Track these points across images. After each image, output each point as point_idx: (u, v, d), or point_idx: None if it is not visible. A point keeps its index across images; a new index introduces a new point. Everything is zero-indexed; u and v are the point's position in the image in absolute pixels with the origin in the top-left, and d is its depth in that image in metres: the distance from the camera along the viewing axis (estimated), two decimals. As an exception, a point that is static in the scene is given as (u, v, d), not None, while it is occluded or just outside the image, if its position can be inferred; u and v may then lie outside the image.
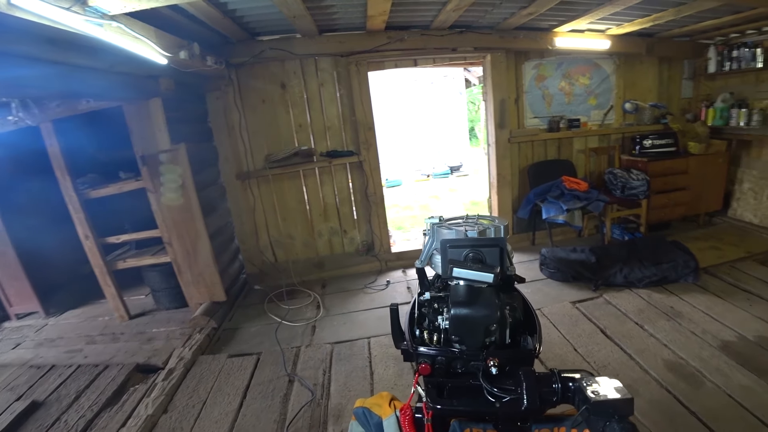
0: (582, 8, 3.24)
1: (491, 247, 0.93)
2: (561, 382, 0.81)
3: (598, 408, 0.71)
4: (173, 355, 2.82)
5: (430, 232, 1.13)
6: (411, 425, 0.88)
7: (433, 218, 1.17)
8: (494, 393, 0.84)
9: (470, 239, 0.95)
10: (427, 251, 1.13)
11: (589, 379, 0.77)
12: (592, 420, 0.72)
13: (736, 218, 4.45)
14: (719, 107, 4.22)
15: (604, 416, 0.71)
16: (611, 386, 0.75)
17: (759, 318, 2.83)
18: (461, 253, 0.92)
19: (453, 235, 1.02)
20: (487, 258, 0.93)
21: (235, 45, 3.42)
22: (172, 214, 3.16)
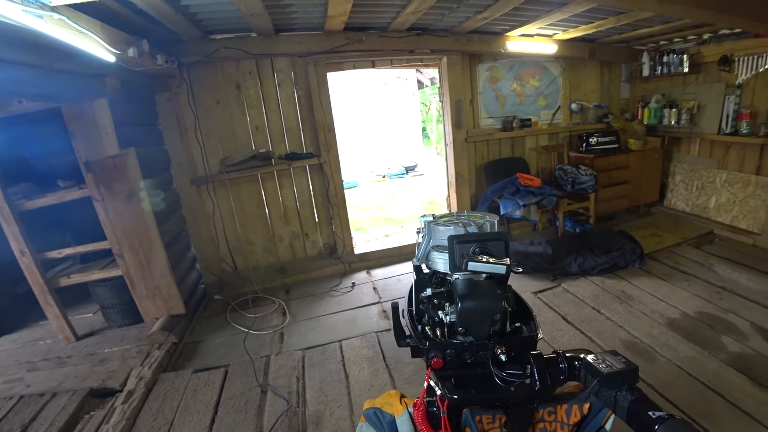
0: (532, 14, 3.42)
1: (497, 240, 0.96)
2: (567, 362, 0.84)
3: (610, 379, 0.74)
4: (131, 375, 2.61)
5: (425, 230, 1.13)
6: (425, 419, 0.88)
7: (426, 216, 1.18)
8: (506, 379, 0.86)
9: (477, 234, 0.97)
10: (424, 249, 1.13)
11: (596, 355, 0.81)
12: (603, 391, 0.75)
13: (671, 208, 4.90)
14: (653, 107, 4.64)
15: (613, 387, 0.74)
16: (615, 359, 0.79)
17: (697, 296, 3.14)
18: (468, 248, 0.94)
19: (452, 232, 1.03)
20: (494, 251, 0.96)
21: (187, 43, 3.24)
22: (123, 223, 2.93)
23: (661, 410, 0.66)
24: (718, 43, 4.08)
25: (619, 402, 0.72)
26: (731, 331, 2.70)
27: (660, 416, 0.64)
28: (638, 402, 0.69)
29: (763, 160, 3.96)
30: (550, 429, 0.93)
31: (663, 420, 0.63)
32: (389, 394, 0.97)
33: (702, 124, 4.35)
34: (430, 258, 1.12)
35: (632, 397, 0.71)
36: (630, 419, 0.70)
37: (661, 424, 0.62)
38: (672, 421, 0.62)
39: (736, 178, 4.19)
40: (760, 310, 2.91)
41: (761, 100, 3.88)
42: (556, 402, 0.94)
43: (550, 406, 0.94)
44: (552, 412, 0.94)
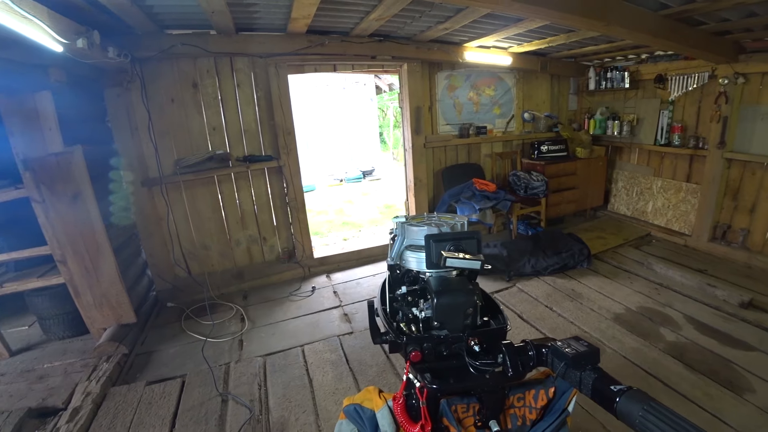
0: (490, 28, 3.58)
1: (470, 239, 1.00)
2: (535, 349, 0.90)
3: (576, 361, 0.80)
4: (76, 391, 2.42)
5: (399, 231, 1.16)
6: (404, 412, 0.90)
7: (399, 217, 1.21)
8: (480, 368, 0.91)
9: (452, 233, 1.02)
10: (398, 248, 1.16)
11: (561, 341, 0.87)
12: (569, 372, 0.81)
13: (614, 212, 5.29)
14: (598, 119, 5.01)
15: (578, 368, 0.80)
16: (578, 343, 0.86)
17: (639, 292, 3.42)
18: (444, 246, 0.98)
19: (426, 232, 1.07)
20: (467, 249, 1.00)
21: (142, 37, 3.09)
22: (67, 227, 2.72)
23: (621, 384, 0.73)
24: (654, 63, 4.49)
25: (584, 381, 0.79)
26: (668, 322, 2.96)
27: (620, 389, 0.71)
28: (601, 379, 0.76)
29: (692, 169, 4.39)
30: (519, 414, 0.99)
31: (623, 392, 0.70)
32: (368, 390, 0.98)
33: (641, 135, 4.76)
34: (404, 257, 1.15)
35: (595, 375, 0.78)
36: (594, 395, 0.76)
37: (622, 395, 0.69)
38: (630, 391, 0.69)
39: (669, 185, 4.60)
40: (691, 303, 3.21)
41: (690, 116, 4.31)
42: (524, 388, 1.00)
43: (519, 392, 0.99)
44: (521, 397, 0.99)
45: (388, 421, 0.91)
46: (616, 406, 0.70)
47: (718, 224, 4.14)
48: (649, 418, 0.64)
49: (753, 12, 2.86)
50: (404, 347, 0.94)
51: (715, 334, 2.78)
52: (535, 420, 0.99)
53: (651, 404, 0.65)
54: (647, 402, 0.66)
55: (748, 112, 3.75)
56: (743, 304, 3.07)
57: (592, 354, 0.81)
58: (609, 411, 0.72)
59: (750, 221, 3.93)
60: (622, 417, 0.69)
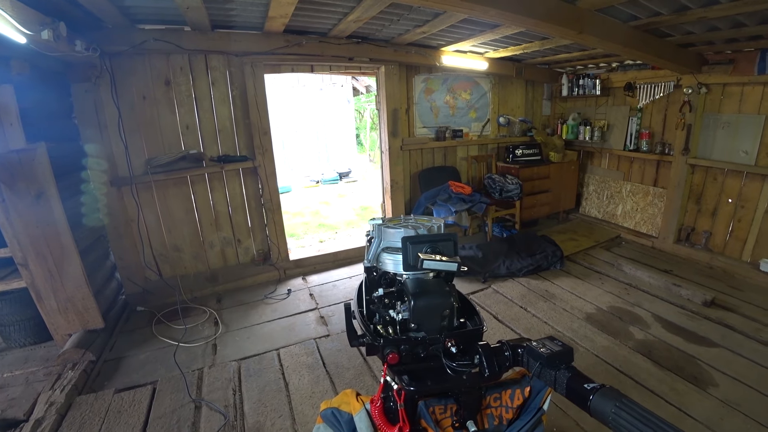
0: (467, 33, 3.63)
1: (446, 241, 1.01)
2: (511, 350, 0.92)
3: (550, 361, 0.82)
4: (39, 401, 2.29)
5: (375, 233, 1.16)
6: (382, 414, 0.90)
7: (376, 219, 1.21)
8: (457, 369, 0.91)
9: (429, 235, 1.02)
10: (375, 250, 1.15)
11: (536, 341, 0.89)
12: (545, 372, 0.83)
13: (585, 214, 5.46)
14: (570, 124, 5.16)
15: (553, 367, 0.82)
16: (552, 343, 0.87)
17: (609, 292, 3.53)
18: (421, 248, 0.98)
19: (403, 234, 1.07)
20: (444, 251, 1.01)
21: (112, 31, 2.98)
22: (29, 228, 2.59)
23: (594, 382, 0.75)
24: (624, 72, 4.66)
25: (558, 380, 0.80)
26: (637, 321, 3.07)
27: (593, 387, 0.73)
28: (574, 377, 0.78)
29: (659, 174, 4.57)
30: (496, 414, 1.00)
31: (596, 390, 0.72)
32: (345, 393, 0.97)
33: (611, 140, 4.93)
34: (381, 259, 1.15)
35: (569, 374, 0.79)
36: (569, 393, 0.78)
37: (595, 393, 0.71)
38: (603, 389, 0.71)
39: (638, 189, 4.78)
40: (659, 302, 3.34)
41: (657, 123, 4.49)
42: (500, 388, 1.01)
43: (496, 392, 1.01)
44: (497, 397, 1.01)
45: (366, 425, 0.90)
46: (589, 403, 0.71)
47: (682, 227, 4.33)
48: (622, 414, 0.66)
49: (715, 26, 3.02)
50: (381, 349, 0.94)
51: (681, 332, 2.91)
52: (511, 419, 1.01)
53: (623, 401, 0.67)
54: (619, 399, 0.68)
55: (710, 120, 3.95)
56: (706, 303, 3.22)
57: (566, 353, 0.83)
58: (583, 409, 0.74)
59: (712, 224, 4.12)
60: (595, 414, 0.71)
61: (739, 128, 3.75)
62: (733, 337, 2.83)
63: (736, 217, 3.91)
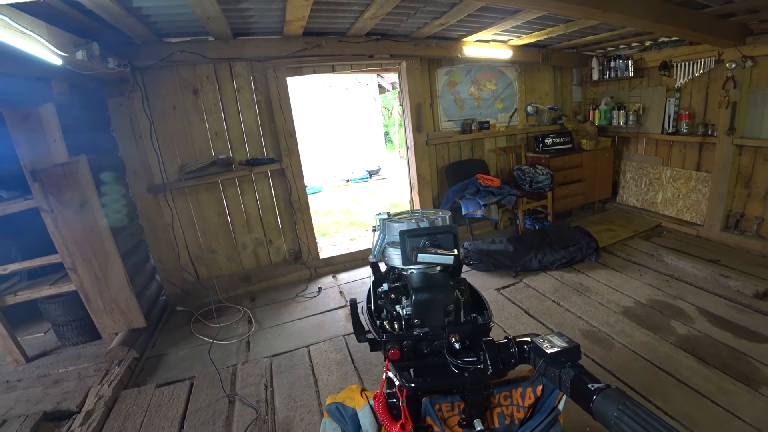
0: (487, 21, 3.54)
1: (445, 233, 1.00)
2: (517, 346, 0.89)
3: (555, 358, 0.79)
4: (89, 395, 2.47)
5: (380, 228, 1.16)
6: (385, 410, 0.90)
7: (381, 214, 1.20)
8: (460, 366, 0.90)
9: (426, 228, 1.01)
10: (380, 245, 1.15)
11: (542, 337, 0.86)
12: (549, 370, 0.80)
13: (622, 203, 5.19)
14: (603, 109, 4.92)
15: (558, 365, 0.79)
16: (560, 339, 0.84)
17: (648, 285, 3.34)
18: (419, 242, 0.97)
19: (405, 228, 1.06)
20: (443, 244, 0.99)
21: (141, 46, 3.14)
22: (75, 235, 2.78)
23: (600, 382, 0.71)
24: (658, 50, 4.38)
25: (563, 378, 0.77)
26: (679, 315, 2.89)
27: (598, 387, 0.69)
28: (579, 376, 0.74)
29: (702, 157, 4.27)
30: (507, 412, 0.98)
31: (600, 390, 0.68)
32: (350, 389, 0.98)
33: (647, 124, 4.65)
34: (386, 254, 1.15)
35: (574, 372, 0.76)
36: (572, 393, 0.74)
37: (598, 394, 0.67)
38: (607, 390, 0.67)
39: (679, 174, 4.49)
40: (704, 295, 3.13)
41: (697, 102, 4.20)
42: (511, 386, 0.98)
43: (506, 390, 0.98)
44: (508, 396, 0.98)
45: (370, 420, 0.91)
46: (592, 405, 0.68)
47: (730, 213, 4.03)
48: (624, 419, 0.62)
49: (759, -8, 2.78)
50: (383, 345, 0.94)
51: (729, 326, 2.70)
52: (523, 419, 0.98)
53: (627, 404, 0.64)
54: (623, 402, 0.64)
55: (758, 96, 3.64)
56: (758, 295, 2.98)
57: (572, 350, 0.80)
58: (586, 410, 0.70)
59: (764, 209, 3.81)
60: (597, 416, 0.68)
61: (792, 103, 3.44)
62: (789, 331, 2.61)
63: (793, 200, 3.60)
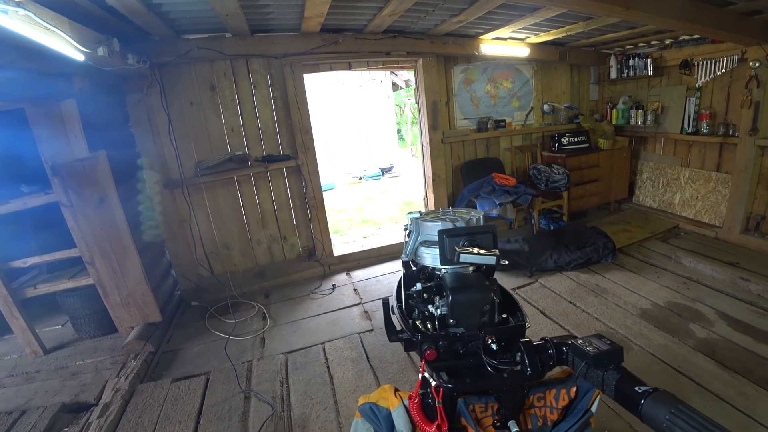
0: (505, 18, 3.51)
1: (485, 233, 0.98)
2: (555, 347, 0.87)
3: (597, 360, 0.77)
4: (107, 387, 2.50)
5: (413, 227, 1.14)
6: (420, 411, 0.89)
7: (413, 213, 1.19)
8: (497, 366, 0.88)
9: (466, 228, 0.99)
10: (413, 245, 1.14)
11: (583, 339, 0.84)
12: (591, 372, 0.78)
13: (639, 204, 5.12)
14: (621, 108, 4.84)
15: (600, 367, 0.77)
16: (600, 341, 0.82)
17: (666, 287, 3.29)
18: (458, 242, 0.96)
19: (441, 227, 1.05)
20: (482, 243, 0.98)
21: (159, 43, 3.16)
22: (94, 230, 2.81)
23: (646, 385, 0.69)
24: (679, 48, 4.30)
25: (606, 381, 0.75)
26: (698, 318, 2.84)
27: (645, 390, 0.67)
28: (624, 379, 0.72)
29: (722, 158, 4.19)
30: (540, 414, 0.96)
31: (648, 393, 0.66)
32: (383, 389, 0.97)
33: (666, 124, 4.57)
34: (419, 253, 1.13)
35: (618, 375, 0.74)
36: (618, 396, 0.72)
37: (647, 397, 0.66)
38: (656, 393, 0.65)
39: (698, 175, 4.42)
40: (723, 298, 3.08)
41: (719, 102, 4.11)
42: (544, 387, 0.97)
43: (539, 392, 0.97)
44: (541, 397, 0.97)
45: (404, 421, 0.90)
46: (641, 408, 0.66)
47: (751, 215, 3.95)
48: (677, 422, 0.60)
49: (786, -11, 2.71)
50: (419, 345, 0.92)
51: (750, 331, 2.65)
52: (556, 420, 0.97)
53: (679, 407, 0.62)
54: (675, 405, 0.62)
55: (783, 95, 3.56)
56: (780, 299, 2.93)
57: (615, 353, 0.78)
58: (633, 413, 0.68)
59: (786, 211, 3.74)
60: (647, 420, 0.65)
61: (818, 103, 3.36)
62: (812, 336, 2.56)
63: (817, 203, 3.52)
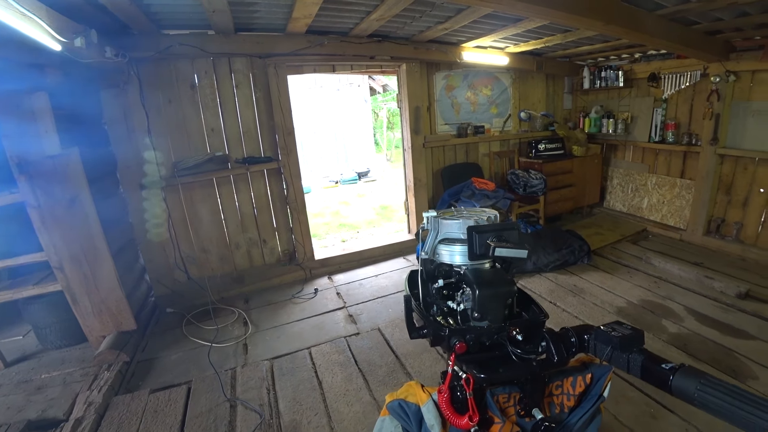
0: (488, 28, 3.60)
1: (511, 230, 1.00)
2: (576, 335, 0.91)
3: (623, 344, 0.81)
4: (78, 401, 2.33)
5: (431, 225, 1.15)
6: (449, 405, 0.89)
7: (430, 212, 1.21)
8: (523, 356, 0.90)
9: (494, 225, 1.02)
10: (432, 243, 1.15)
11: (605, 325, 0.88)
12: (616, 355, 0.81)
13: (610, 208, 5.38)
14: (593, 117, 5.09)
15: (626, 350, 0.80)
16: (622, 327, 0.86)
17: (639, 286, 3.47)
18: (486, 238, 0.97)
19: (461, 225, 1.06)
20: (509, 239, 1.00)
21: (138, 37, 3.02)
22: (64, 232, 2.64)
23: (670, 362, 0.73)
24: (647, 62, 4.58)
25: (632, 363, 0.79)
26: (669, 314, 3.01)
27: (672, 366, 0.72)
28: (650, 359, 0.77)
29: (686, 165, 4.48)
30: (557, 402, 0.99)
31: (675, 369, 0.70)
32: (410, 385, 0.97)
33: (635, 132, 4.84)
34: (437, 251, 1.14)
35: (643, 356, 0.78)
36: (645, 375, 0.77)
37: (675, 373, 0.70)
38: (683, 368, 0.70)
39: (664, 181, 4.69)
40: (691, 295, 3.27)
41: (683, 113, 4.40)
42: (562, 375, 1.00)
43: (558, 380, 1.00)
44: (559, 385, 1.00)
45: (434, 415, 0.90)
46: (671, 383, 0.70)
47: (712, 218, 4.23)
48: (708, 391, 0.65)
49: (745, 11, 2.94)
50: (447, 339, 0.93)
51: (716, 325, 2.84)
52: (572, 407, 1.00)
53: (706, 378, 0.66)
54: (702, 377, 0.67)
55: (740, 108, 3.85)
56: (741, 295, 3.14)
57: (637, 336, 0.82)
58: (664, 389, 0.72)
59: (743, 215, 4.02)
60: (678, 393, 0.70)
61: (771, 116, 3.65)
62: (770, 329, 2.76)
63: (769, 208, 3.81)
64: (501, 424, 0.89)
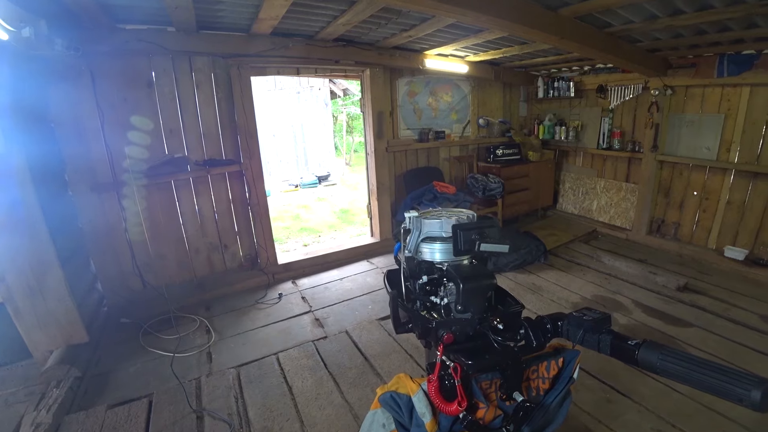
0: (451, 37, 3.73)
1: (491, 227, 1.07)
2: (551, 322, 0.98)
3: (595, 326, 0.90)
4: (23, 423, 2.15)
5: (414, 225, 1.20)
6: (438, 393, 0.93)
7: (412, 212, 1.25)
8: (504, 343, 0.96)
9: (477, 222, 1.09)
10: (415, 241, 1.20)
11: (577, 311, 0.96)
12: (588, 337, 0.91)
13: (563, 211, 5.69)
14: (547, 125, 5.38)
15: (596, 332, 0.90)
16: (592, 312, 0.95)
17: (591, 282, 3.71)
18: (471, 234, 1.03)
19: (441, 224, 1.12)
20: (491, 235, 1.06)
21: (92, 31, 2.85)
22: (4, 239, 2.43)
23: (635, 338, 0.83)
24: (595, 75, 4.92)
25: (602, 343, 0.89)
26: (619, 307, 3.25)
27: (636, 342, 0.81)
28: (617, 338, 0.86)
29: (630, 170, 4.85)
30: (534, 386, 1.06)
31: (639, 345, 0.80)
32: (399, 377, 1.00)
33: (585, 140, 5.18)
34: (420, 249, 1.19)
35: (611, 336, 0.88)
36: (614, 352, 0.86)
37: (639, 348, 0.79)
38: (646, 343, 0.79)
39: (611, 185, 5.05)
40: (637, 289, 3.55)
41: (627, 122, 4.77)
42: (538, 361, 1.07)
43: (534, 365, 1.07)
44: (535, 370, 1.07)
45: (425, 404, 0.93)
46: (636, 357, 0.80)
47: (653, 219, 4.60)
48: (668, 359, 0.74)
49: (679, 33, 3.26)
50: (435, 331, 0.97)
51: (660, 315, 3.11)
52: (547, 389, 1.07)
53: (666, 349, 0.76)
54: (662, 348, 0.76)
55: (676, 119, 4.23)
56: (680, 288, 3.45)
57: (605, 319, 0.93)
58: (630, 363, 0.82)
59: (680, 216, 4.41)
60: (643, 364, 0.79)
61: (701, 126, 4.05)
62: (705, 317, 3.06)
63: (701, 209, 4.20)
64: (485, 409, 0.94)
